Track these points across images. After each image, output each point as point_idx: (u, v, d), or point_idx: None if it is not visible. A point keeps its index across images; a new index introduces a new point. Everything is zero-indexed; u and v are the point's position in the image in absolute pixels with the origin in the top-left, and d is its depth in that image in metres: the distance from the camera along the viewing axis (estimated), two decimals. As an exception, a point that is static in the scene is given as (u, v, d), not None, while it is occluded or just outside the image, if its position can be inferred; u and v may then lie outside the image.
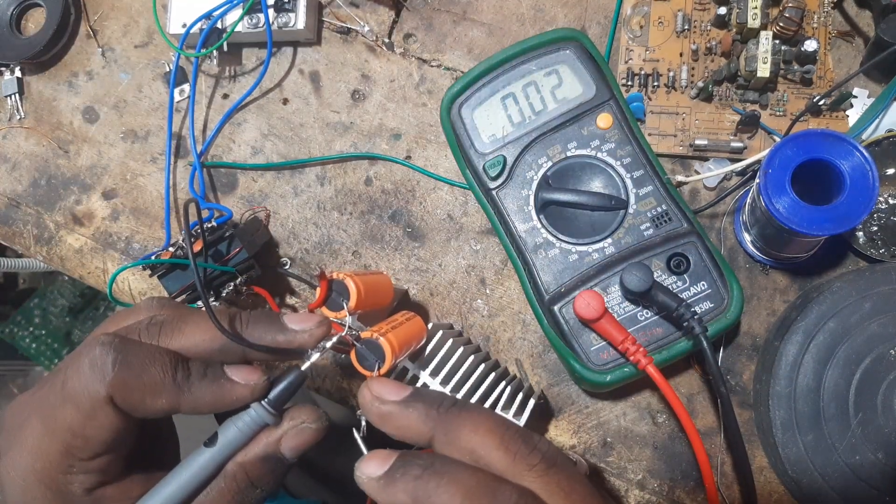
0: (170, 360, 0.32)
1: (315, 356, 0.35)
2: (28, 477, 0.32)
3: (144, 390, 0.32)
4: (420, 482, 0.28)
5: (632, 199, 0.47)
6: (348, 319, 0.37)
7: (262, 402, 0.34)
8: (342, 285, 0.37)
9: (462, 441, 0.30)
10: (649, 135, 0.51)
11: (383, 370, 0.36)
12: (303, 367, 0.34)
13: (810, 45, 0.48)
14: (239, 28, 0.54)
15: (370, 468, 0.30)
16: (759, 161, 0.47)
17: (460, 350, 0.43)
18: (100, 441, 0.32)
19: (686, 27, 0.51)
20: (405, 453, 0.30)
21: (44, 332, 1.27)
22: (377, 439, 0.33)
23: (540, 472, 0.29)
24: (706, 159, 0.51)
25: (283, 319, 0.35)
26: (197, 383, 0.33)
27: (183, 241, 0.47)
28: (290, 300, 0.54)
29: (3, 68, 0.59)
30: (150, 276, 0.48)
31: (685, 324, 0.42)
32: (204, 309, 0.34)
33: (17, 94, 0.59)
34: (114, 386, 0.31)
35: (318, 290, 0.37)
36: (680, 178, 0.48)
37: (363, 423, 0.34)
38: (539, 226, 0.48)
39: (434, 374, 0.42)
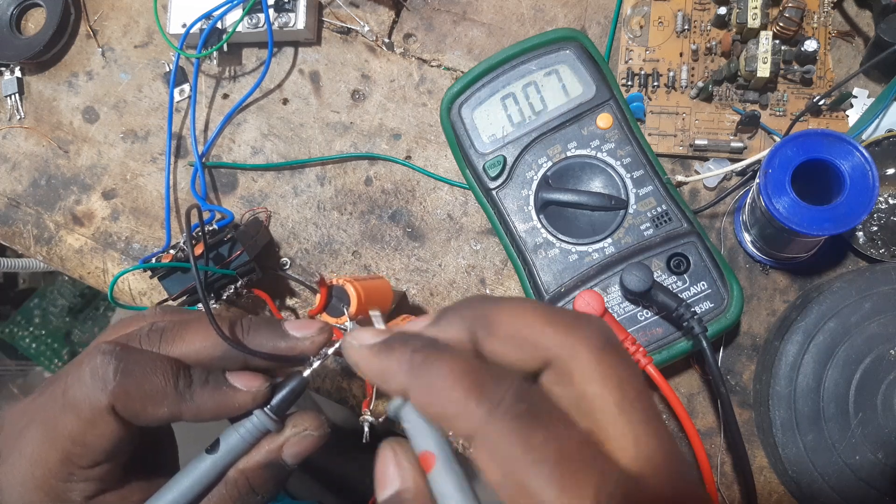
0: (171, 367, 0.32)
1: (317, 363, 0.34)
2: (27, 484, 0.32)
3: (146, 399, 0.31)
4: (418, 354, 0.25)
5: (632, 199, 0.47)
6: (349, 325, 0.37)
7: (265, 408, 0.34)
8: (342, 291, 0.38)
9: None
10: (649, 135, 0.51)
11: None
12: (305, 374, 0.34)
13: (810, 45, 0.48)
14: (239, 28, 0.53)
15: (364, 336, 0.27)
16: (759, 161, 0.47)
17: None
18: (100, 449, 0.32)
19: (686, 27, 0.51)
20: (402, 332, 0.27)
21: (44, 332, 1.26)
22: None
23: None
24: (706, 159, 0.51)
25: (285, 326, 0.34)
26: (199, 390, 0.33)
27: (184, 243, 0.47)
28: (289, 302, 0.54)
29: (3, 68, 0.59)
30: (151, 277, 0.48)
31: (685, 324, 0.42)
32: (204, 313, 0.34)
33: (17, 94, 0.59)
34: (115, 394, 0.31)
35: (319, 296, 0.37)
36: (680, 178, 0.48)
37: (366, 429, 0.34)
38: (539, 226, 0.48)
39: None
